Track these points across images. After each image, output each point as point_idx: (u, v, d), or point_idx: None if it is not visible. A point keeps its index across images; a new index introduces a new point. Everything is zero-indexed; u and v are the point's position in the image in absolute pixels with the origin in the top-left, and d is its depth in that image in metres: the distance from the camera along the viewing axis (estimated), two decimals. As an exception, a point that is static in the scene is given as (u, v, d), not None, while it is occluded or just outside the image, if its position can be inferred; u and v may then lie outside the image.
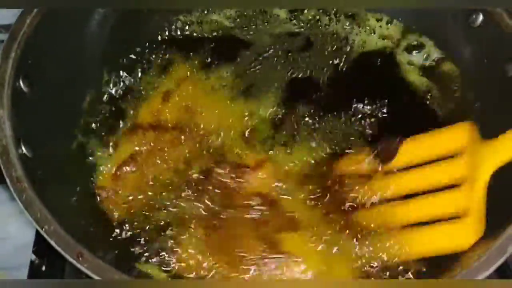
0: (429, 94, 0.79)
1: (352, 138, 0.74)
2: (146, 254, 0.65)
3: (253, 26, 0.86)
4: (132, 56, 0.80)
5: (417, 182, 0.65)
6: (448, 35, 0.80)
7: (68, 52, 0.71)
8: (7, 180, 0.57)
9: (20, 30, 0.66)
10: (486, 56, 0.75)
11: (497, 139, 0.61)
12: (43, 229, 0.54)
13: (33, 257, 0.74)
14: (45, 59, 0.68)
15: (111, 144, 0.73)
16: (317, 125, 0.75)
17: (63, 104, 0.70)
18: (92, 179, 0.70)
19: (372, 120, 0.76)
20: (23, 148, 0.61)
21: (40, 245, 0.75)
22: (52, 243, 0.53)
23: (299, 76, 0.80)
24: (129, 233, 0.67)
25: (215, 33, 0.85)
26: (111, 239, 0.66)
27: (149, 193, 0.70)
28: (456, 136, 0.65)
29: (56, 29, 0.70)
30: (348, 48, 0.83)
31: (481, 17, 0.74)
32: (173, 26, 0.84)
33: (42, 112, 0.67)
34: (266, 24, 0.86)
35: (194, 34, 0.84)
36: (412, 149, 0.66)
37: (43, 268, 0.74)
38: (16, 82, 0.64)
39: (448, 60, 0.81)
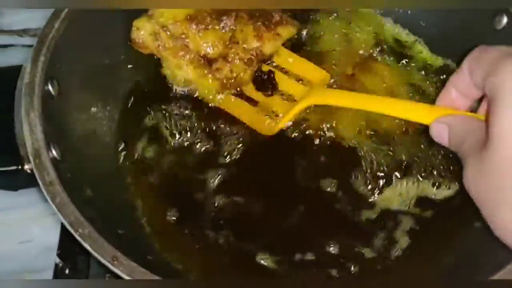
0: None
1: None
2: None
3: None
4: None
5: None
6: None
7: (96, 56, 0.72)
8: (40, 183, 0.57)
9: (48, 34, 0.66)
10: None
11: (329, 89, 0.77)
12: (77, 233, 0.54)
13: (57, 260, 0.75)
14: (74, 63, 0.69)
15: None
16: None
17: (92, 108, 0.71)
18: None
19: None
20: (54, 152, 0.61)
21: (64, 248, 0.76)
22: (87, 246, 0.54)
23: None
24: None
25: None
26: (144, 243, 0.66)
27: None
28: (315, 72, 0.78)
29: (84, 33, 0.70)
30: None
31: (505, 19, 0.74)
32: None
33: (71, 117, 0.67)
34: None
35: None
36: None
37: (67, 271, 0.75)
38: (46, 86, 0.64)
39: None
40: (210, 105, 0.76)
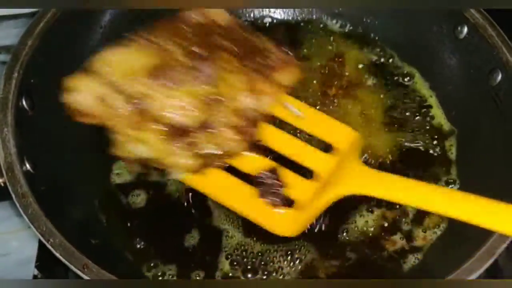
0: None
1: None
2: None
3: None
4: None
5: (290, 147, 0.62)
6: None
7: (69, 72, 0.73)
8: (13, 196, 0.59)
9: (22, 51, 0.68)
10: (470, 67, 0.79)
11: (374, 172, 0.60)
12: (49, 242, 0.56)
13: (36, 271, 0.76)
14: (46, 79, 0.70)
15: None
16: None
17: (65, 123, 0.72)
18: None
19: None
20: (27, 165, 0.63)
21: (43, 260, 0.77)
22: (58, 255, 0.55)
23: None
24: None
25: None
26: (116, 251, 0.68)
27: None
28: (341, 134, 0.64)
29: (57, 49, 0.72)
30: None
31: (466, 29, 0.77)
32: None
33: (45, 131, 0.69)
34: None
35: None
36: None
37: (46, 283, 0.75)
38: (19, 102, 0.66)
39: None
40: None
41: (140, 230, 0.72)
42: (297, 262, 0.69)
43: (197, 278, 0.68)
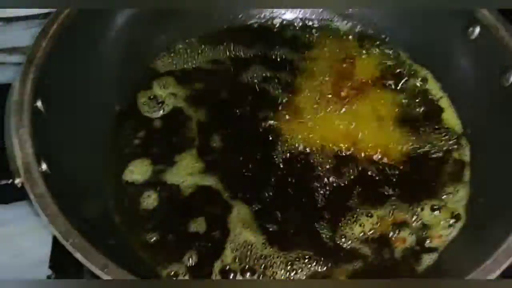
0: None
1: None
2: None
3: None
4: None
5: None
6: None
7: (83, 73, 0.74)
8: (31, 196, 0.59)
9: (36, 53, 0.69)
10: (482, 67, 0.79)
11: None
12: (68, 242, 0.56)
13: (49, 272, 0.76)
14: (61, 80, 0.71)
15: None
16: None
17: (80, 123, 0.73)
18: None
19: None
20: (44, 166, 0.63)
21: (56, 260, 0.77)
22: (78, 256, 0.55)
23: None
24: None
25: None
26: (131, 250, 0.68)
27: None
28: None
29: (70, 51, 0.72)
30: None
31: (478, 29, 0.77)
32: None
33: (60, 131, 0.69)
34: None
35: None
36: None
37: (59, 283, 0.75)
38: (34, 103, 0.66)
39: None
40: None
41: (153, 230, 0.72)
42: (299, 271, 0.69)
43: (190, 260, 0.69)
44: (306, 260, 0.70)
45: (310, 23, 0.92)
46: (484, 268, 0.58)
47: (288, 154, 0.78)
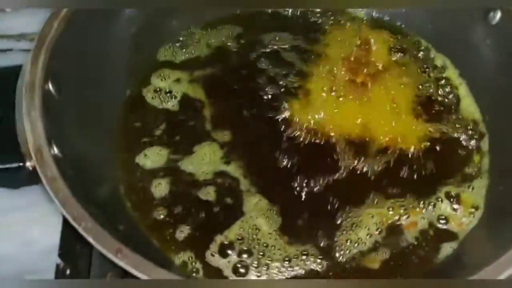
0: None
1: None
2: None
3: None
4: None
5: None
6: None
7: (94, 56, 0.73)
8: (43, 179, 0.58)
9: (48, 34, 0.67)
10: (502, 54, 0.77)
11: None
12: (81, 226, 0.54)
13: (59, 260, 0.74)
14: (72, 62, 0.69)
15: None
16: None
17: (91, 107, 0.71)
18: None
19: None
20: (55, 149, 0.61)
21: (66, 249, 0.75)
22: (91, 240, 0.54)
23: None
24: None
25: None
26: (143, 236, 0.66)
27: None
28: None
29: (81, 34, 0.71)
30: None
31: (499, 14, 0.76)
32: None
33: (72, 114, 0.68)
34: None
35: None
36: None
37: (68, 272, 0.74)
38: (46, 84, 0.65)
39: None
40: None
41: (166, 217, 0.70)
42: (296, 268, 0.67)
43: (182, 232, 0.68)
44: (305, 257, 0.68)
45: (325, 9, 0.90)
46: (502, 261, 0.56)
47: (302, 143, 0.76)
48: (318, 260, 0.67)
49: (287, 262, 0.67)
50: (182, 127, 0.78)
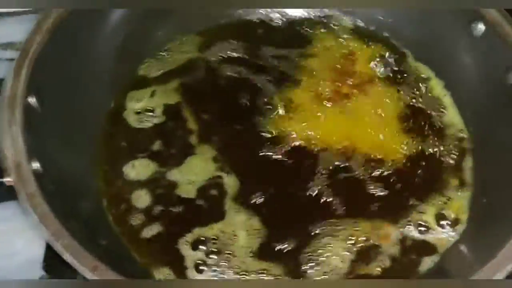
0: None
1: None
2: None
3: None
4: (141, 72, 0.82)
5: None
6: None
7: (77, 68, 0.73)
8: (22, 195, 0.57)
9: (30, 47, 0.67)
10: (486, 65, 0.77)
11: None
12: (59, 243, 0.54)
13: (43, 273, 0.74)
14: (55, 76, 0.69)
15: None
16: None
17: (74, 120, 0.71)
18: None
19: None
20: (36, 164, 0.61)
21: (50, 261, 0.75)
22: (68, 256, 0.54)
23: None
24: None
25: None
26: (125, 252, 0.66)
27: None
28: None
29: (66, 46, 0.71)
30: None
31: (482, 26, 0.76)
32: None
33: (53, 128, 0.68)
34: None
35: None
36: None
37: (52, 284, 0.74)
38: (28, 98, 0.65)
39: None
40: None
41: (147, 230, 0.70)
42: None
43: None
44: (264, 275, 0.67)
45: (311, 18, 0.90)
46: (489, 268, 0.56)
47: (287, 153, 0.76)
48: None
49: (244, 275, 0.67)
50: (170, 137, 0.78)
